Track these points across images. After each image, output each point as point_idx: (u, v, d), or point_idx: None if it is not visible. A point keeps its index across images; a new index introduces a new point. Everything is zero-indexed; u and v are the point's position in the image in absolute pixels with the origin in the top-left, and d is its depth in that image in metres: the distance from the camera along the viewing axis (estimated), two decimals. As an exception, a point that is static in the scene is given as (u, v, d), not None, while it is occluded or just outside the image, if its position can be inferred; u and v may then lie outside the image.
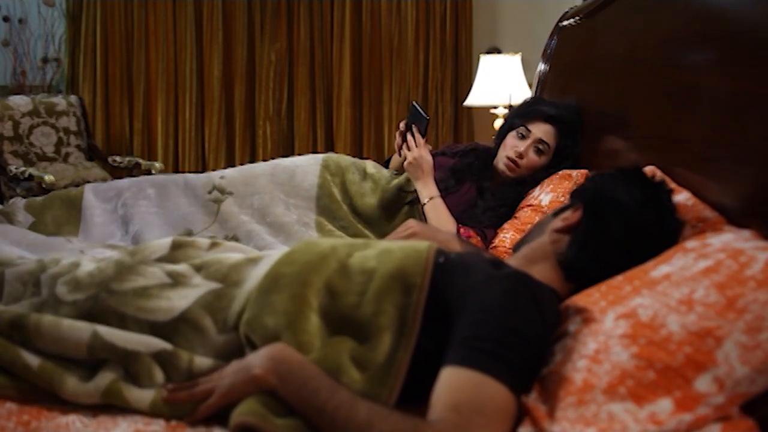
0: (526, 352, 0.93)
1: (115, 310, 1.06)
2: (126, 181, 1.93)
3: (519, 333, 0.93)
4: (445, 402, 0.87)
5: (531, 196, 1.83)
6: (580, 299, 1.07)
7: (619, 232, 1.11)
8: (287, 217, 1.85)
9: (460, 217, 1.83)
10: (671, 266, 1.00)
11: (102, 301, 1.08)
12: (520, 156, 1.86)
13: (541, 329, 0.97)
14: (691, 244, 1.04)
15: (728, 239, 1.00)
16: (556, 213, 1.23)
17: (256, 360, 0.95)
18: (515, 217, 1.79)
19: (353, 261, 1.09)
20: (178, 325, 1.05)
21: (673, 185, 1.32)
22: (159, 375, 1.01)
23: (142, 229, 1.75)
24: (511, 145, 1.89)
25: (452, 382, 0.89)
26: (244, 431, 0.89)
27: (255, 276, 1.10)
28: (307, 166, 1.96)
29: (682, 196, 1.27)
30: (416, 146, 1.82)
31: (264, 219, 1.85)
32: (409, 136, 1.84)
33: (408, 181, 1.92)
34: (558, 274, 1.15)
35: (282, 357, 0.94)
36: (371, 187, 1.95)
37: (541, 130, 1.87)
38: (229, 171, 1.98)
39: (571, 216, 1.17)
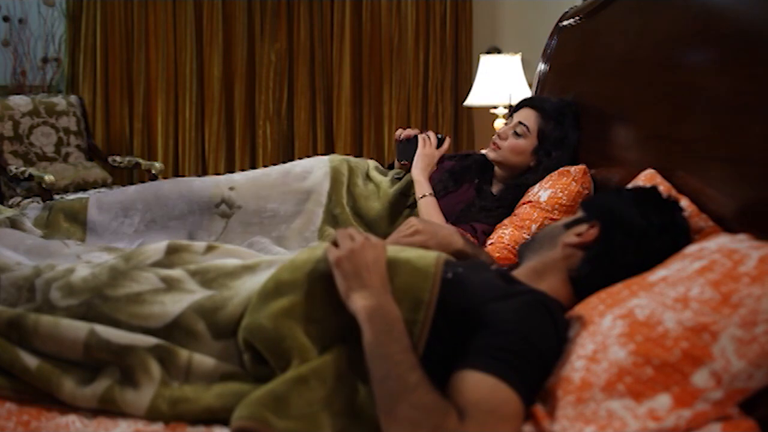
0: (537, 366, 0.96)
1: (108, 317, 1.06)
2: (131, 194, 1.85)
3: (533, 347, 0.96)
4: (461, 399, 0.90)
5: (530, 192, 1.84)
6: (579, 307, 1.09)
7: (635, 256, 1.11)
8: (289, 231, 1.85)
9: (459, 216, 1.84)
10: (668, 270, 1.01)
11: (95, 307, 1.07)
12: (500, 137, 1.93)
13: (554, 344, 0.99)
14: (689, 249, 1.05)
15: (723, 241, 1.01)
16: (569, 225, 1.22)
17: (366, 291, 0.99)
18: (514, 214, 1.80)
19: None
20: (171, 331, 1.05)
21: (671, 192, 1.32)
22: (156, 370, 1.00)
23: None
24: (496, 131, 1.99)
25: (468, 382, 0.92)
26: None
27: (255, 282, 1.09)
28: (317, 170, 1.95)
29: (681, 204, 1.28)
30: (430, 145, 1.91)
31: (269, 234, 1.83)
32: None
33: (408, 184, 1.94)
34: (567, 288, 1.15)
35: (383, 302, 0.98)
36: (374, 190, 1.96)
37: (521, 114, 1.94)
38: (240, 181, 1.90)
39: (586, 233, 1.16)
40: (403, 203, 1.91)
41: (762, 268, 0.89)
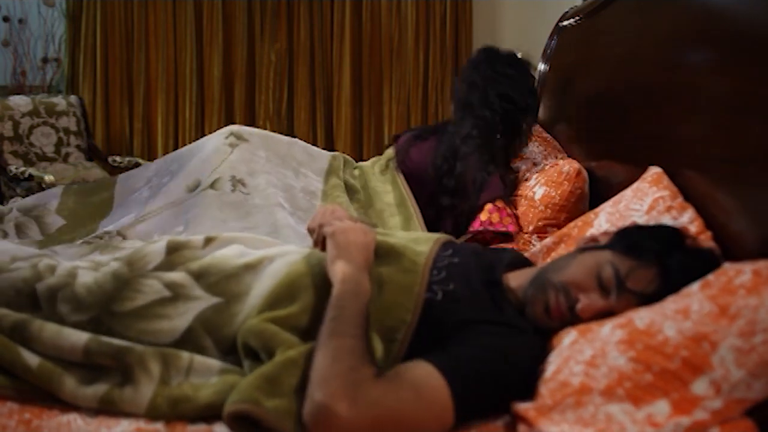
0: (491, 392, 0.98)
1: (118, 333, 1.06)
2: (155, 164, 1.96)
3: (497, 376, 0.98)
4: (395, 370, 0.95)
5: (526, 185, 1.87)
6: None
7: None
8: (294, 181, 1.88)
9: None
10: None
11: (104, 323, 1.08)
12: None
13: (519, 378, 1.00)
14: None
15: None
16: None
17: (351, 264, 1.07)
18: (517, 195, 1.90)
19: None
20: (180, 346, 1.06)
21: (677, 200, 1.31)
22: (156, 368, 1.01)
23: (155, 199, 1.76)
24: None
25: (411, 364, 0.97)
26: (238, 419, 0.91)
27: (258, 288, 1.12)
28: (317, 152, 2.08)
29: (686, 217, 1.27)
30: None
31: (274, 174, 1.86)
32: None
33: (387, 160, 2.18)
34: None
35: (361, 277, 1.06)
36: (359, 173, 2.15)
37: None
38: (250, 128, 2.01)
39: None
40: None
41: (757, 280, 0.91)
